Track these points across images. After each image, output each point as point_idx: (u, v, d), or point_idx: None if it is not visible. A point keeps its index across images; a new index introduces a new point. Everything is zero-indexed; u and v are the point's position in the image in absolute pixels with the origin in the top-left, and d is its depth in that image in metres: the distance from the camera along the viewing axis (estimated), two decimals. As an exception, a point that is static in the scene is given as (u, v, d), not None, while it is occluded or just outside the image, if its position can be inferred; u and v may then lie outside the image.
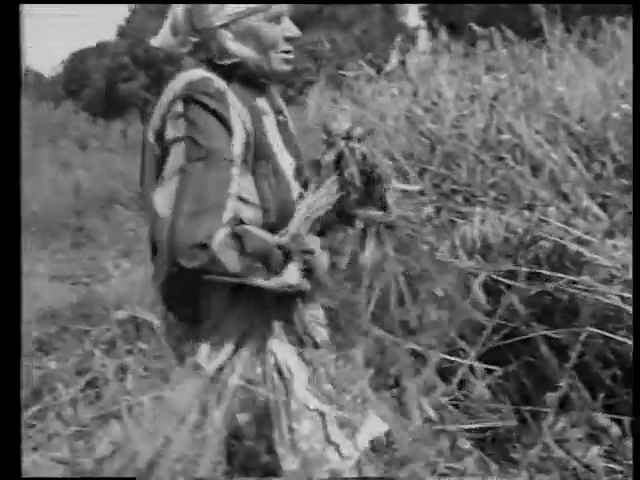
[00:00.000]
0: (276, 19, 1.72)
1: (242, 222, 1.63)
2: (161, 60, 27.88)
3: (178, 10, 1.73)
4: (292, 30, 1.76)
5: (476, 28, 4.52)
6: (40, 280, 6.54)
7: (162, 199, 1.58)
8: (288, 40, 1.76)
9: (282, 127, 1.83)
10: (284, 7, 1.74)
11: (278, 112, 1.84)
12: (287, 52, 1.76)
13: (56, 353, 4.37)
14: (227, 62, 1.71)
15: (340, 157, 1.71)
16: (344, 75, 5.55)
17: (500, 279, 2.77)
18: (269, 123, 1.77)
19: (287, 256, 1.62)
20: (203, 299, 1.71)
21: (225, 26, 1.69)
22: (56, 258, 8.27)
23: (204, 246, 1.51)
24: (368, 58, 5.71)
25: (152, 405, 3.01)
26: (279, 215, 1.69)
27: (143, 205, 1.75)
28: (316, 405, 1.72)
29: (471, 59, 4.66)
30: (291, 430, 1.68)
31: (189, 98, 1.62)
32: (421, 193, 3.60)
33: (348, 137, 1.72)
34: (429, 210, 2.75)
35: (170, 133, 1.63)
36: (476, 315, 2.70)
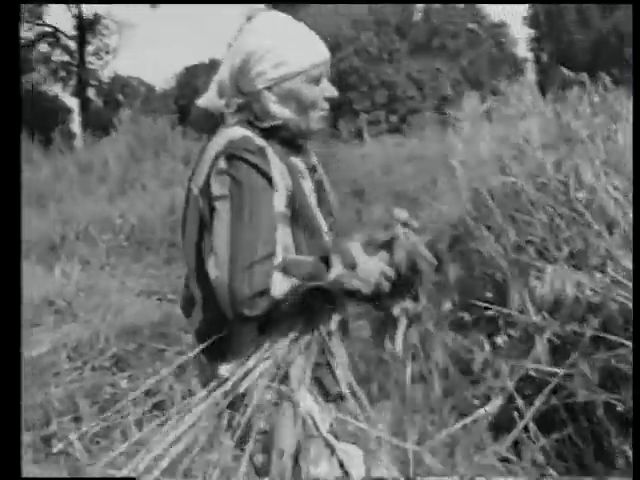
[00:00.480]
0: (315, 81, 1.82)
1: None
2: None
3: (225, 73, 1.84)
4: (330, 90, 1.86)
5: (568, 73, 4.42)
6: (128, 295, 6.70)
7: (215, 258, 1.68)
8: (327, 100, 1.86)
9: (317, 185, 1.92)
10: (323, 69, 1.83)
11: (312, 170, 1.92)
12: (324, 109, 1.87)
13: (130, 371, 4.49)
14: (269, 124, 1.80)
15: (394, 240, 1.77)
16: (447, 114, 5.57)
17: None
18: (306, 182, 1.85)
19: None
20: (234, 343, 1.78)
21: (268, 89, 1.79)
22: (148, 273, 8.44)
23: (263, 293, 1.60)
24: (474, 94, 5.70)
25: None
26: None
27: (183, 254, 1.84)
28: (337, 446, 1.75)
29: (562, 104, 4.56)
30: (308, 476, 1.71)
31: (231, 155, 1.71)
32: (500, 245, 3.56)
33: (405, 224, 1.79)
34: (448, 305, 2.78)
35: (216, 189, 1.72)
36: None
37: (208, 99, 1.89)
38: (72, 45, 36.06)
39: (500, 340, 2.93)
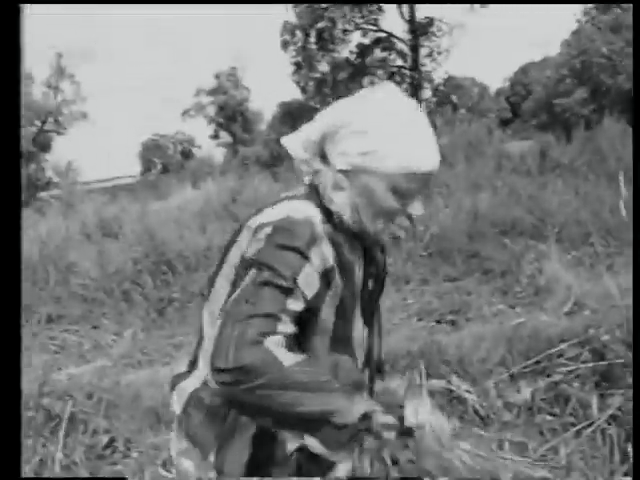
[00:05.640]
0: (400, 194, 1.52)
1: None
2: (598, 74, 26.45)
3: (316, 129, 1.56)
4: (417, 209, 1.54)
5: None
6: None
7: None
8: (409, 218, 1.55)
9: (369, 292, 1.67)
10: (418, 185, 1.52)
11: (375, 276, 1.69)
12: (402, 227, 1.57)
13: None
14: (329, 207, 1.56)
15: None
16: None
17: None
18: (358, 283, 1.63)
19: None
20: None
21: (344, 171, 1.53)
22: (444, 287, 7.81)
23: (257, 343, 1.34)
24: None
25: None
26: None
27: None
28: None
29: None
30: None
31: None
32: None
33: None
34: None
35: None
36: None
37: (292, 142, 1.61)
38: (405, 49, 36.80)
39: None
